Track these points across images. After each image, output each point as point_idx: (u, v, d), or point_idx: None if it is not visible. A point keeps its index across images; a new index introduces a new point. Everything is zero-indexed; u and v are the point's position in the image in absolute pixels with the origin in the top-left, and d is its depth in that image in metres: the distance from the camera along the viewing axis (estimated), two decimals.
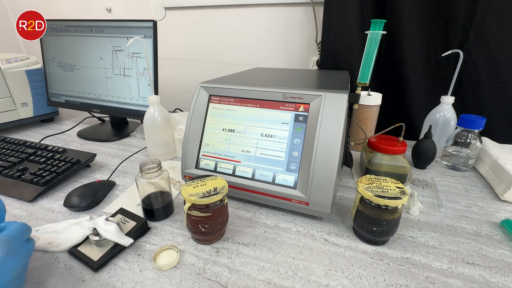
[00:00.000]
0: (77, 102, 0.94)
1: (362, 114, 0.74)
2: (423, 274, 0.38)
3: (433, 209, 0.53)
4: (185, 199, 0.41)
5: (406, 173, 0.59)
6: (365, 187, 0.42)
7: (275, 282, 0.37)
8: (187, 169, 0.56)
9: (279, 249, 0.43)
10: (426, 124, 0.72)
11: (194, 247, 0.44)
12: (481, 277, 0.38)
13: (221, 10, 1.04)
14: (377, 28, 0.51)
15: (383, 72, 0.84)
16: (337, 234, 0.46)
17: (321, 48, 0.88)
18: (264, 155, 0.50)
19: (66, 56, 0.91)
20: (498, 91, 0.73)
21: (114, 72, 0.85)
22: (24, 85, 0.94)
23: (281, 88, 0.51)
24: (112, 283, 0.37)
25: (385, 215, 0.41)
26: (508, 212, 0.52)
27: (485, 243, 0.44)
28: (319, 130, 0.46)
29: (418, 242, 0.44)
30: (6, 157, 0.67)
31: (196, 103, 0.56)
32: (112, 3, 1.20)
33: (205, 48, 1.12)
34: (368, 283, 0.37)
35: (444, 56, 0.67)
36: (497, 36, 0.69)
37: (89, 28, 0.85)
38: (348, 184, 0.62)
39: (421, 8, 0.74)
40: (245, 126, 0.53)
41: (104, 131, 0.93)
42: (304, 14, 0.94)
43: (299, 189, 0.47)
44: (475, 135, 0.65)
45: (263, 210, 0.53)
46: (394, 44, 0.79)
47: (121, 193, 0.58)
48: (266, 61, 1.05)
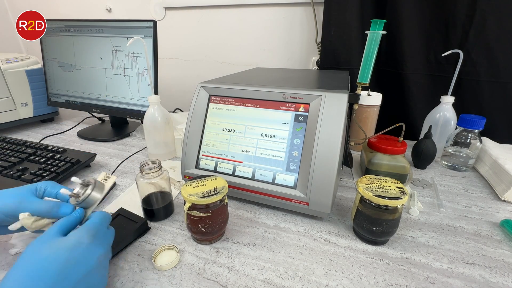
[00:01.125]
0: (77, 102, 0.94)
1: (362, 114, 0.74)
2: (423, 274, 0.38)
3: (433, 209, 0.53)
4: (185, 199, 0.41)
5: (406, 173, 0.59)
6: (365, 187, 0.42)
7: (275, 282, 0.37)
8: (187, 169, 0.56)
9: (279, 249, 0.43)
10: (426, 124, 0.72)
11: (194, 247, 0.44)
12: (481, 277, 0.38)
13: (221, 10, 1.04)
14: (377, 28, 0.51)
15: (383, 72, 0.84)
16: (337, 234, 0.46)
17: (321, 48, 0.88)
18: (264, 155, 0.50)
19: (66, 56, 0.91)
20: (498, 91, 0.73)
21: (114, 72, 0.85)
22: (24, 85, 0.94)
23: (281, 88, 0.51)
24: (112, 283, 0.37)
25: (385, 215, 0.41)
26: (508, 212, 0.52)
27: (485, 243, 0.44)
28: (319, 130, 0.46)
29: (418, 242, 0.44)
30: (6, 157, 0.67)
31: (196, 103, 0.56)
32: (112, 3, 1.20)
33: (205, 48, 1.12)
34: (368, 283, 0.37)
35: (444, 56, 0.67)
36: (497, 36, 0.69)
37: (89, 28, 0.85)
38: (348, 184, 0.62)
39: (421, 8, 0.74)
40: (245, 126, 0.53)
41: (104, 131, 0.93)
42: (304, 14, 0.94)
43: (299, 189, 0.47)
44: (475, 135, 0.65)
45: (263, 210, 0.53)
46: (394, 44, 0.79)
47: (121, 193, 0.58)
48: (266, 61, 1.05)
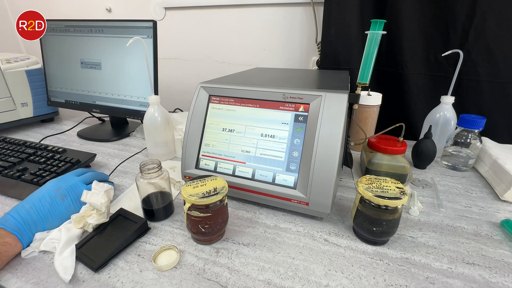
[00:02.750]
0: (77, 102, 0.94)
1: (362, 114, 0.74)
2: (423, 274, 0.38)
3: (433, 209, 0.53)
4: (185, 199, 0.41)
5: (406, 173, 0.59)
6: (365, 187, 0.42)
7: (275, 282, 0.37)
8: (187, 169, 0.56)
9: (279, 249, 0.43)
10: (426, 124, 0.72)
11: (194, 247, 0.44)
12: (481, 277, 0.38)
13: (221, 10, 1.04)
14: (377, 28, 0.50)
15: (383, 72, 0.84)
16: (337, 234, 0.46)
17: (321, 48, 0.88)
18: (264, 155, 0.50)
19: (66, 56, 0.91)
20: (498, 91, 0.73)
21: (114, 72, 0.85)
22: (24, 85, 0.94)
23: (281, 88, 0.51)
24: (112, 283, 0.37)
25: (385, 215, 0.41)
26: (508, 212, 0.52)
27: (485, 243, 0.44)
28: (319, 130, 0.46)
29: (418, 242, 0.44)
30: (6, 157, 0.67)
31: (196, 103, 0.56)
32: (112, 3, 1.20)
33: (205, 48, 1.12)
34: (368, 283, 0.37)
35: (444, 56, 0.67)
36: (497, 36, 0.69)
37: (89, 28, 0.85)
38: (348, 184, 0.62)
39: (421, 8, 0.74)
40: (245, 126, 0.53)
41: (104, 131, 0.93)
42: (304, 14, 0.94)
43: (299, 189, 0.47)
44: (475, 135, 0.65)
45: (263, 210, 0.53)
46: (394, 44, 0.79)
47: (121, 193, 0.58)
48: (266, 61, 1.05)
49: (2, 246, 0.39)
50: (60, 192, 0.48)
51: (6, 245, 0.40)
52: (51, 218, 0.45)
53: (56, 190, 0.48)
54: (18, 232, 0.41)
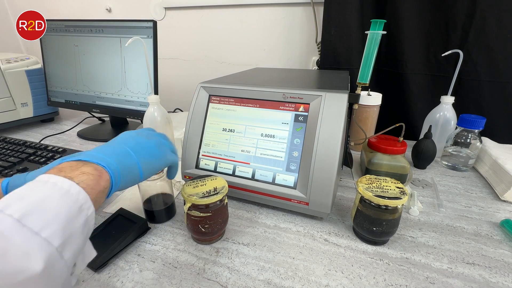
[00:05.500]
0: (77, 102, 0.94)
1: (362, 114, 0.74)
2: (423, 274, 0.38)
3: (433, 209, 0.53)
4: (185, 199, 0.41)
5: (406, 173, 0.59)
6: (365, 187, 0.42)
7: (275, 282, 0.37)
8: (187, 169, 0.56)
9: (279, 249, 0.43)
10: (426, 124, 0.72)
11: (194, 247, 0.44)
12: (481, 277, 0.38)
13: (221, 10, 1.04)
14: (377, 28, 0.51)
15: (383, 72, 0.84)
16: (337, 234, 0.46)
17: (321, 48, 0.88)
18: (264, 155, 0.50)
19: (66, 56, 0.91)
20: (498, 91, 0.73)
21: (114, 72, 0.85)
22: (24, 85, 0.94)
23: (281, 88, 0.51)
24: (112, 283, 0.37)
25: (385, 215, 0.41)
26: (508, 212, 0.52)
27: (485, 243, 0.44)
28: (319, 130, 0.46)
29: (418, 242, 0.44)
30: (6, 157, 0.68)
31: (196, 103, 0.56)
32: (112, 3, 1.20)
33: (205, 48, 1.12)
34: (368, 283, 0.37)
35: (444, 56, 0.67)
36: (497, 36, 0.69)
37: (89, 28, 0.85)
38: (348, 184, 0.62)
39: (421, 8, 0.74)
40: (245, 126, 0.53)
41: (104, 131, 0.94)
42: (304, 14, 0.94)
43: (299, 189, 0.47)
44: (475, 135, 0.65)
45: (263, 210, 0.53)
46: (394, 44, 0.79)
47: (121, 193, 0.58)
48: (266, 61, 1.05)
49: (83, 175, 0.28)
50: (142, 133, 0.39)
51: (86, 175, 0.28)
52: (141, 151, 0.36)
53: (136, 133, 0.39)
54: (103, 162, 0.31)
